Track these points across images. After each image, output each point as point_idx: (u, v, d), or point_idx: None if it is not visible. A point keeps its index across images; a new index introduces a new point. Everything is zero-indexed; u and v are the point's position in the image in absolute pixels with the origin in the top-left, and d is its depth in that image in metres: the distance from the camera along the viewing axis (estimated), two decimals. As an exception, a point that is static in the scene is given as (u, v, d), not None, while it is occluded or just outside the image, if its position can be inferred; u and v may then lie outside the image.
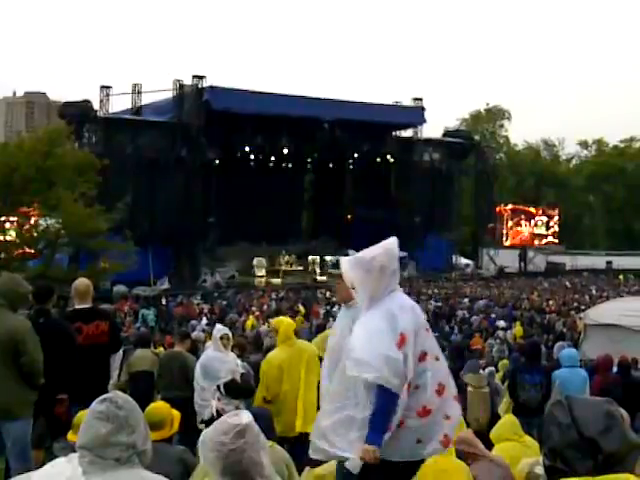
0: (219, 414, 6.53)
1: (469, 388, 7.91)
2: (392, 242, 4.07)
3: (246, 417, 2.53)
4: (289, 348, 6.71)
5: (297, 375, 6.63)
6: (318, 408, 4.54)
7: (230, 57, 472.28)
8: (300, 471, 4.71)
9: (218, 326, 8.29)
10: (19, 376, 5.29)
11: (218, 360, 7.06)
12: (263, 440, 2.55)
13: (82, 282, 6.44)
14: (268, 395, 6.54)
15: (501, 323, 25.68)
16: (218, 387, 6.99)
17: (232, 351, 7.55)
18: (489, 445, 5.03)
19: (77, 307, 6.31)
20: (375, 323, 3.70)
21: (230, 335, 7.55)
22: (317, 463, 4.48)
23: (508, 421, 5.53)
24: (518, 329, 24.09)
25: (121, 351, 7.00)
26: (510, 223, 63.84)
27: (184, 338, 8.85)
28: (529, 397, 8.26)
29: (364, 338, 3.66)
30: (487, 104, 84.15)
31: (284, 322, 7.10)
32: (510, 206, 64.87)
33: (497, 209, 63.18)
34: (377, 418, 3.55)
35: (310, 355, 6.77)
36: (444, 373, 3.94)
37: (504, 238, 63.66)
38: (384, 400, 3.54)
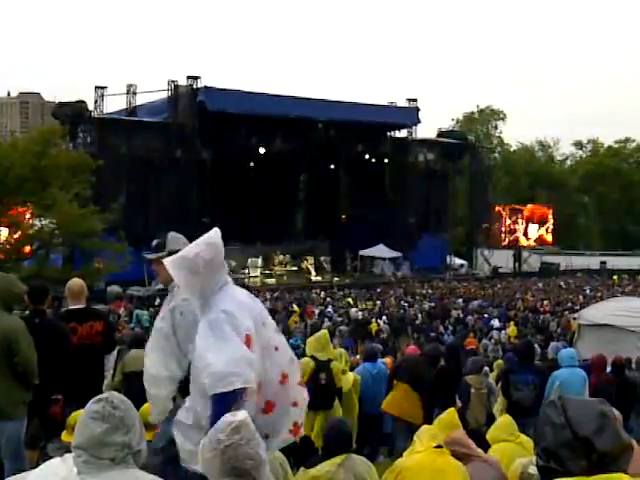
0: None
1: (472, 389, 7.94)
2: (215, 234, 3.84)
3: (242, 415, 2.54)
4: None
5: None
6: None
7: (225, 58, 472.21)
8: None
9: None
10: (13, 376, 5.27)
11: None
12: (259, 437, 2.55)
13: (76, 282, 6.41)
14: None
15: (495, 323, 25.76)
16: None
17: None
18: (485, 444, 5.05)
19: (71, 307, 6.29)
20: (219, 329, 3.54)
21: None
22: (312, 464, 4.49)
23: (504, 422, 5.55)
24: (512, 329, 24.17)
25: (115, 351, 6.98)
26: (509, 221, 64.01)
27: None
28: (522, 397, 8.28)
29: (215, 348, 3.49)
30: (478, 105, 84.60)
31: None
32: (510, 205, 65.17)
33: (496, 209, 63.36)
34: (218, 415, 3.48)
35: None
36: (286, 361, 3.83)
37: (502, 237, 63.82)
38: (230, 403, 3.38)
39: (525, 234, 64.03)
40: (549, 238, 65.12)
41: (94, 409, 2.44)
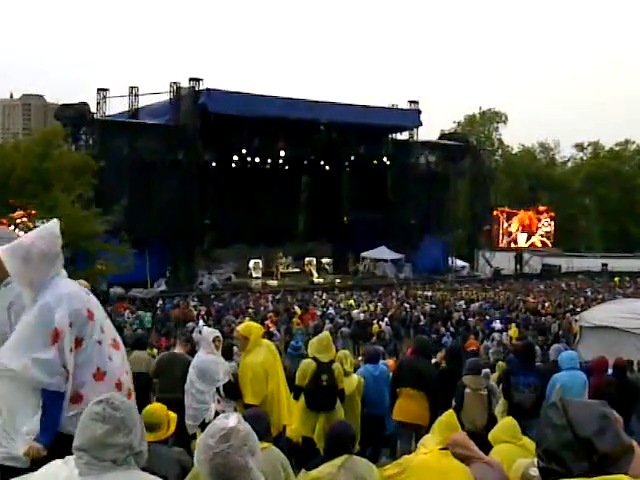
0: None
1: (467, 390, 7.91)
2: (52, 225, 3.81)
3: (233, 420, 2.50)
4: (262, 348, 6.71)
5: (276, 372, 6.65)
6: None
7: (227, 60, 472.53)
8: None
9: (207, 329, 8.25)
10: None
11: (214, 362, 7.06)
12: (252, 443, 2.51)
13: (81, 284, 6.39)
14: (256, 400, 6.48)
15: (497, 325, 25.75)
16: (218, 390, 6.98)
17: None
18: (487, 447, 5.05)
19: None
20: (29, 322, 3.58)
21: (221, 337, 7.57)
22: (313, 466, 4.50)
23: (506, 424, 5.54)
24: (514, 331, 24.18)
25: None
26: (506, 225, 64.09)
27: (187, 341, 8.85)
28: (523, 398, 8.27)
29: (15, 340, 3.56)
30: (481, 108, 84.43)
31: (254, 326, 7.13)
32: (506, 209, 65.20)
33: (494, 212, 63.35)
34: (45, 418, 3.51)
35: (276, 350, 6.85)
36: (105, 359, 3.75)
37: (500, 239, 63.86)
38: (48, 401, 3.49)
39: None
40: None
41: (95, 410, 2.44)
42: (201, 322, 24.56)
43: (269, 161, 48.93)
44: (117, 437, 2.41)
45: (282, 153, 47.35)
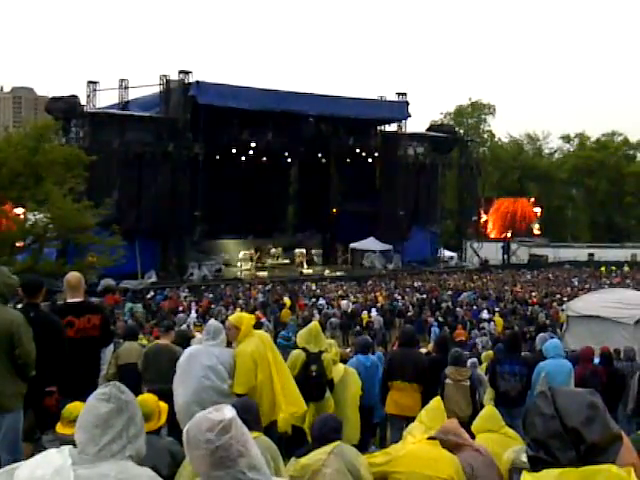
0: None
1: (447, 380, 7.97)
2: None
3: (228, 411, 2.45)
4: (253, 339, 6.70)
5: (267, 362, 6.63)
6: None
7: (216, 52, 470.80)
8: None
9: (212, 321, 8.14)
10: (12, 368, 5.28)
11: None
12: (247, 431, 2.50)
13: (74, 276, 6.40)
14: (241, 389, 6.46)
15: (485, 315, 25.88)
16: None
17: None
18: (471, 436, 5.14)
19: (69, 301, 6.28)
20: None
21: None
22: (303, 453, 4.56)
23: (487, 413, 5.61)
24: (499, 321, 24.33)
25: (112, 345, 6.97)
26: (494, 216, 64.33)
27: (169, 330, 8.81)
28: (509, 387, 8.36)
29: None
30: (470, 99, 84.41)
31: (245, 317, 7.08)
32: (495, 199, 65.42)
33: (482, 202, 63.56)
34: None
35: (269, 340, 6.82)
36: None
37: (489, 230, 64.12)
38: None
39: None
40: (537, 231, 65.46)
41: (102, 391, 2.48)
42: (192, 313, 24.59)
43: (258, 153, 48.82)
44: (119, 418, 2.43)
45: (271, 145, 47.26)
